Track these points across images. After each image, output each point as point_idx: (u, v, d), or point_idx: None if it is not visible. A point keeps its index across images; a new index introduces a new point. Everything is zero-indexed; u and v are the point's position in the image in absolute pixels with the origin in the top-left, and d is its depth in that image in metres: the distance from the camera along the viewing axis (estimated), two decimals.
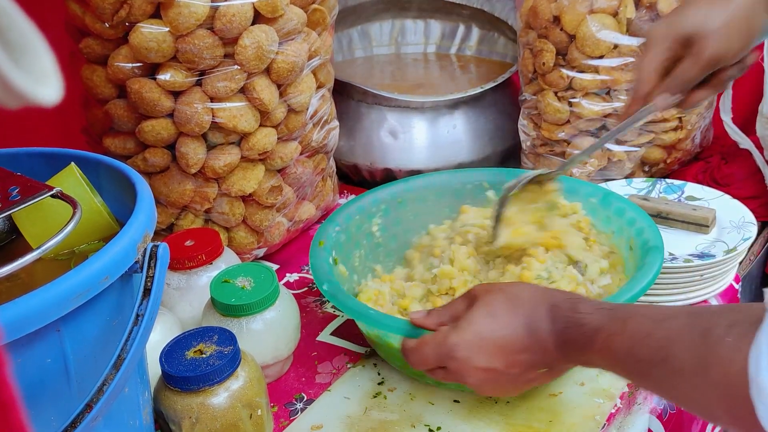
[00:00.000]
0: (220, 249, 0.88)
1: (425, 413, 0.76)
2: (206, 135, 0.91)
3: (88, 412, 0.49)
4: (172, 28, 0.83)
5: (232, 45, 0.85)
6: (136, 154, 0.92)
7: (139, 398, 0.61)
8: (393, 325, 0.72)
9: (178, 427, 0.66)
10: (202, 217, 0.97)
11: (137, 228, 0.54)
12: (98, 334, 0.52)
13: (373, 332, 0.78)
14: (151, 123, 0.88)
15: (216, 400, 0.66)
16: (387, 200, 0.96)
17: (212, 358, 0.66)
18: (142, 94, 0.86)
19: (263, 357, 0.78)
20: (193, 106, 0.87)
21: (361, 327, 0.82)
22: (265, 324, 0.78)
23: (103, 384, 0.50)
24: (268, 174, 0.97)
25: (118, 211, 0.64)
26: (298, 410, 0.78)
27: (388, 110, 1.22)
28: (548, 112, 1.10)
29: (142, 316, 0.53)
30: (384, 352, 0.80)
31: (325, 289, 0.78)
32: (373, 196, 0.96)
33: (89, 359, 0.51)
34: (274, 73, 0.90)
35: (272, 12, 0.86)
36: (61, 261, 0.62)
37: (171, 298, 0.85)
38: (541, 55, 1.08)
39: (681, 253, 0.92)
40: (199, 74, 0.86)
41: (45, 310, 0.46)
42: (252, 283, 0.79)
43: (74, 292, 0.47)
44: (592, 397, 0.77)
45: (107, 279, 0.50)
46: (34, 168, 0.66)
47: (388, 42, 1.52)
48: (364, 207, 0.94)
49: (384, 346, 0.78)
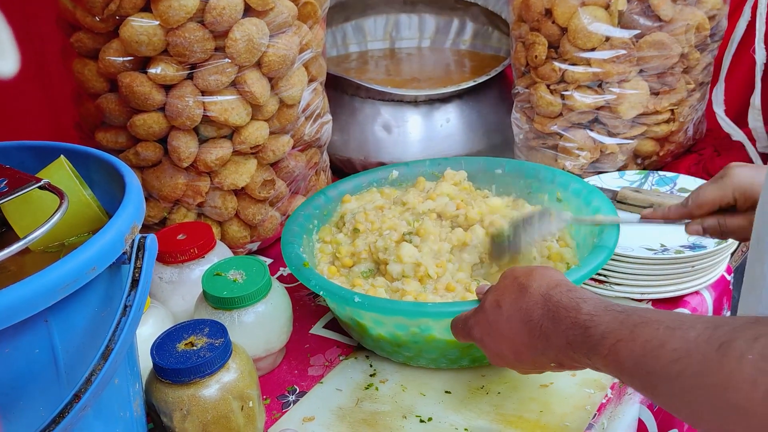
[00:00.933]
0: (213, 243, 0.88)
1: (417, 404, 0.77)
2: (198, 129, 0.91)
3: (77, 402, 0.49)
4: (163, 22, 0.83)
5: (223, 38, 0.85)
6: (128, 148, 0.93)
7: (129, 390, 0.61)
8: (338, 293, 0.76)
9: (170, 419, 0.66)
10: (194, 211, 0.97)
11: (125, 219, 0.54)
12: (86, 324, 0.52)
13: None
14: (142, 117, 0.88)
15: (207, 392, 0.66)
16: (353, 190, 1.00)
17: (203, 350, 0.66)
18: (133, 87, 0.86)
19: (255, 349, 0.78)
20: (184, 99, 0.87)
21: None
22: (257, 317, 0.78)
23: (92, 374, 0.50)
24: (261, 168, 0.98)
25: (108, 204, 0.64)
26: (290, 402, 0.79)
27: (382, 104, 1.23)
28: (541, 105, 1.10)
29: (130, 307, 0.53)
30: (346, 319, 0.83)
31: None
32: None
33: (78, 350, 0.52)
34: (265, 67, 0.90)
35: (263, 5, 0.86)
36: (51, 253, 0.62)
37: (163, 292, 0.85)
38: (533, 48, 1.08)
39: (672, 244, 0.92)
40: (190, 68, 0.86)
41: (32, 300, 0.46)
42: (244, 276, 0.79)
43: (61, 283, 0.47)
44: (583, 388, 0.77)
45: (94, 270, 0.50)
46: (24, 161, 0.66)
47: (383, 36, 1.53)
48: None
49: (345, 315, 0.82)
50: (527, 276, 0.63)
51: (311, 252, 0.90)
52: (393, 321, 0.76)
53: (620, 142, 1.09)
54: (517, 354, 0.62)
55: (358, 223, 0.90)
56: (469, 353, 0.78)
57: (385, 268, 0.85)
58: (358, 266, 0.88)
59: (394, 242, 0.86)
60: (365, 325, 0.79)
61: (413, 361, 0.81)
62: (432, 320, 0.74)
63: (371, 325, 0.78)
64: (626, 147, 1.10)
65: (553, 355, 0.58)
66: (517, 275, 0.64)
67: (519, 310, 0.61)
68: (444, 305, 0.74)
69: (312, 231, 0.92)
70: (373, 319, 0.77)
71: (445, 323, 0.73)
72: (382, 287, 0.83)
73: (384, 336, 0.78)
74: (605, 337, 0.52)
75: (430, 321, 0.74)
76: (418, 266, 0.83)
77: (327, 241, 0.93)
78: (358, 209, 0.94)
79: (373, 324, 0.78)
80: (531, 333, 0.59)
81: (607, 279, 0.89)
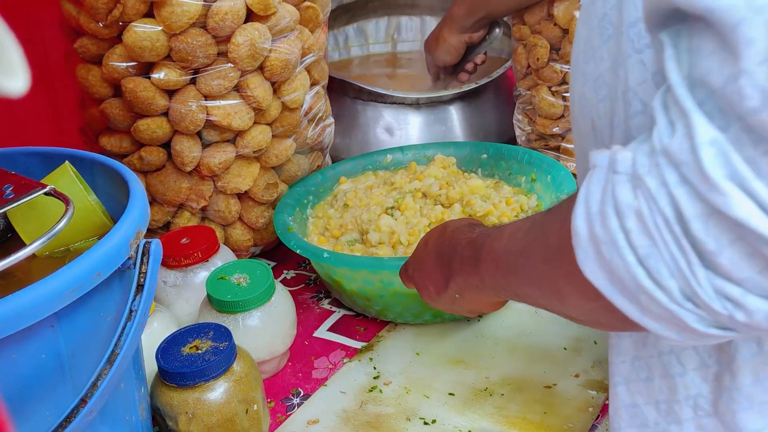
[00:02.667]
0: (216, 246, 0.88)
1: (420, 406, 0.77)
2: (201, 133, 0.91)
3: (83, 406, 0.49)
4: (166, 27, 0.83)
5: (226, 43, 0.86)
6: (132, 153, 0.93)
7: (135, 394, 0.62)
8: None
9: (175, 423, 0.67)
10: (198, 215, 0.97)
11: (130, 224, 0.54)
12: (92, 329, 0.53)
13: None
14: (146, 122, 0.89)
15: (212, 396, 0.66)
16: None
17: (208, 354, 0.67)
18: (136, 93, 0.86)
19: (260, 353, 0.79)
20: (187, 104, 0.87)
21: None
22: (261, 320, 0.79)
23: (98, 379, 0.50)
24: (264, 171, 0.98)
25: (112, 209, 0.65)
26: (294, 405, 0.79)
27: (384, 107, 1.23)
28: (542, 106, 1.10)
29: (135, 312, 0.53)
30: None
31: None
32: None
33: (83, 355, 0.52)
34: (268, 71, 0.90)
35: (264, 10, 0.87)
36: (56, 258, 0.62)
37: (168, 296, 0.85)
38: (534, 50, 1.08)
39: None
40: (193, 72, 0.87)
41: (39, 305, 0.46)
42: (248, 280, 0.80)
43: (67, 288, 0.48)
44: (586, 389, 0.77)
45: (100, 275, 0.50)
46: (29, 167, 0.67)
47: (384, 39, 1.53)
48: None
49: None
50: (451, 220, 0.69)
51: (304, 224, 0.99)
52: (360, 276, 0.85)
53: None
54: (435, 286, 0.66)
55: (348, 199, 0.99)
56: (429, 308, 0.85)
57: (366, 238, 0.92)
58: (345, 236, 0.95)
59: (377, 216, 0.93)
60: (340, 282, 0.88)
61: (383, 315, 0.89)
62: (390, 273, 0.81)
63: (344, 281, 0.88)
64: None
65: (457, 282, 0.62)
66: (446, 221, 0.70)
67: (437, 244, 0.66)
68: (400, 259, 0.81)
69: (306, 205, 1.01)
70: (345, 275, 0.87)
71: None
72: (359, 252, 0.92)
73: (356, 290, 0.87)
74: (485, 241, 0.57)
75: (390, 274, 0.82)
76: (393, 234, 0.90)
77: (320, 217, 1.00)
78: (350, 188, 1.02)
79: (346, 280, 0.87)
80: (440, 262, 0.64)
81: None
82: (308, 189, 1.02)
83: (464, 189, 0.97)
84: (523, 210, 0.97)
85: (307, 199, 1.01)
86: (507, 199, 0.98)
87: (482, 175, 1.06)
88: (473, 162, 1.07)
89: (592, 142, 0.53)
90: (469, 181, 1.00)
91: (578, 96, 0.54)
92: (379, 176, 1.08)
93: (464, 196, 0.96)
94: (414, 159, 1.09)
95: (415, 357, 0.85)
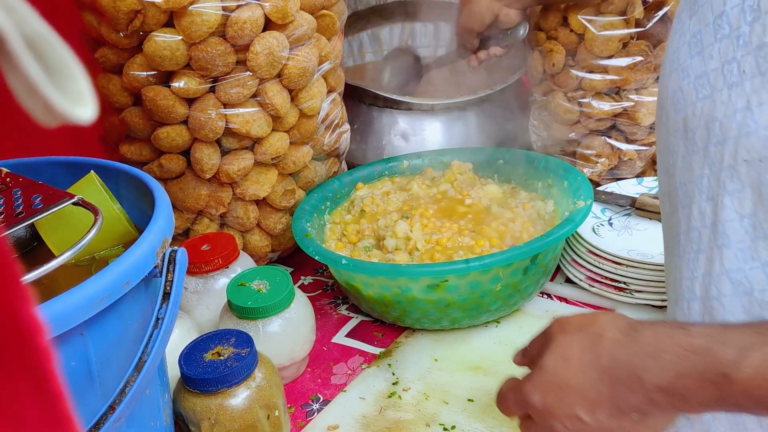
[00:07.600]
0: (236, 253, 0.89)
1: (440, 412, 0.77)
2: (220, 140, 0.92)
3: (112, 413, 0.50)
4: (185, 37, 0.84)
5: (244, 52, 0.87)
6: (151, 161, 0.94)
7: (159, 400, 0.63)
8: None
9: (198, 428, 0.67)
10: (217, 221, 0.98)
11: (156, 234, 0.55)
12: (120, 337, 0.54)
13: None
14: (166, 130, 0.90)
15: (234, 402, 0.67)
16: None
17: (230, 360, 0.67)
18: (156, 101, 0.87)
19: (280, 358, 0.79)
20: (206, 112, 0.88)
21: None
22: (281, 326, 0.80)
23: (126, 386, 0.51)
24: (281, 178, 0.99)
25: (136, 218, 0.66)
26: (314, 411, 0.80)
27: (399, 113, 1.23)
28: (558, 112, 1.10)
29: (162, 320, 0.54)
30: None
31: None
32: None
33: (112, 362, 0.53)
34: (286, 79, 0.91)
35: (283, 18, 0.87)
36: (81, 267, 0.63)
37: (188, 302, 0.86)
38: (550, 56, 1.08)
39: None
40: (212, 81, 0.88)
41: (69, 314, 0.47)
42: (268, 286, 0.80)
43: (97, 297, 0.48)
44: None
45: (128, 284, 0.51)
46: (55, 176, 0.68)
47: (399, 45, 1.53)
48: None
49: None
50: (591, 323, 0.54)
51: (321, 230, 1.00)
52: (377, 282, 0.85)
53: (638, 149, 1.10)
54: (591, 408, 0.52)
55: (365, 205, 1.00)
56: (447, 314, 0.86)
57: (383, 244, 0.93)
58: (362, 242, 0.96)
59: (393, 222, 0.94)
60: (358, 287, 0.89)
61: (400, 321, 0.90)
62: (408, 280, 0.83)
63: (362, 287, 0.88)
64: (644, 153, 1.10)
65: (641, 398, 0.50)
66: (574, 325, 0.55)
67: (598, 357, 0.52)
68: (417, 266, 0.83)
69: (324, 211, 1.02)
70: (362, 281, 0.87)
71: (422, 283, 0.83)
72: (376, 258, 0.92)
73: (373, 296, 0.88)
74: (747, 353, 0.44)
75: (407, 281, 0.83)
76: (409, 240, 0.90)
77: (337, 222, 1.01)
78: (367, 194, 1.04)
79: (363, 286, 0.88)
80: (613, 378, 0.51)
81: (627, 286, 0.90)
82: (325, 195, 1.03)
83: (480, 194, 0.98)
84: (540, 216, 0.97)
85: (325, 205, 1.03)
86: (524, 205, 0.98)
87: (498, 181, 1.07)
88: (489, 168, 1.08)
89: (681, 140, 0.50)
90: (485, 186, 1.01)
91: (673, 89, 0.51)
92: (395, 182, 1.09)
93: (478, 205, 0.98)
94: (430, 165, 1.10)
95: (434, 363, 0.85)
